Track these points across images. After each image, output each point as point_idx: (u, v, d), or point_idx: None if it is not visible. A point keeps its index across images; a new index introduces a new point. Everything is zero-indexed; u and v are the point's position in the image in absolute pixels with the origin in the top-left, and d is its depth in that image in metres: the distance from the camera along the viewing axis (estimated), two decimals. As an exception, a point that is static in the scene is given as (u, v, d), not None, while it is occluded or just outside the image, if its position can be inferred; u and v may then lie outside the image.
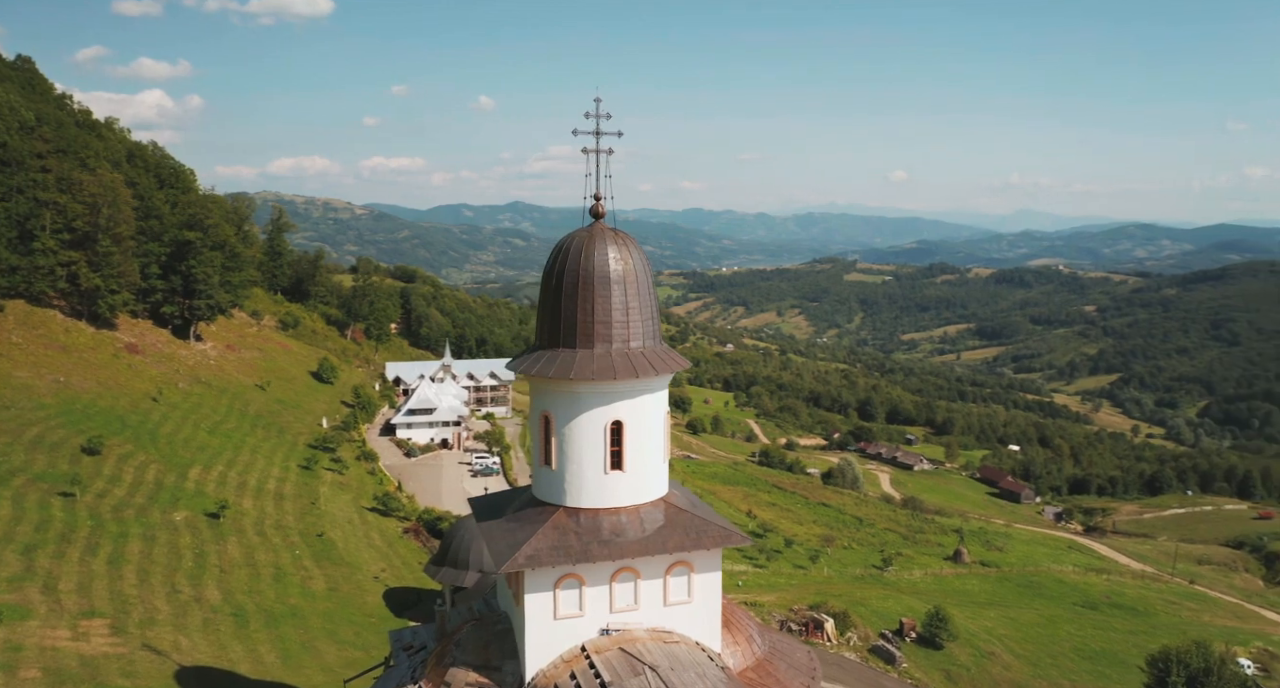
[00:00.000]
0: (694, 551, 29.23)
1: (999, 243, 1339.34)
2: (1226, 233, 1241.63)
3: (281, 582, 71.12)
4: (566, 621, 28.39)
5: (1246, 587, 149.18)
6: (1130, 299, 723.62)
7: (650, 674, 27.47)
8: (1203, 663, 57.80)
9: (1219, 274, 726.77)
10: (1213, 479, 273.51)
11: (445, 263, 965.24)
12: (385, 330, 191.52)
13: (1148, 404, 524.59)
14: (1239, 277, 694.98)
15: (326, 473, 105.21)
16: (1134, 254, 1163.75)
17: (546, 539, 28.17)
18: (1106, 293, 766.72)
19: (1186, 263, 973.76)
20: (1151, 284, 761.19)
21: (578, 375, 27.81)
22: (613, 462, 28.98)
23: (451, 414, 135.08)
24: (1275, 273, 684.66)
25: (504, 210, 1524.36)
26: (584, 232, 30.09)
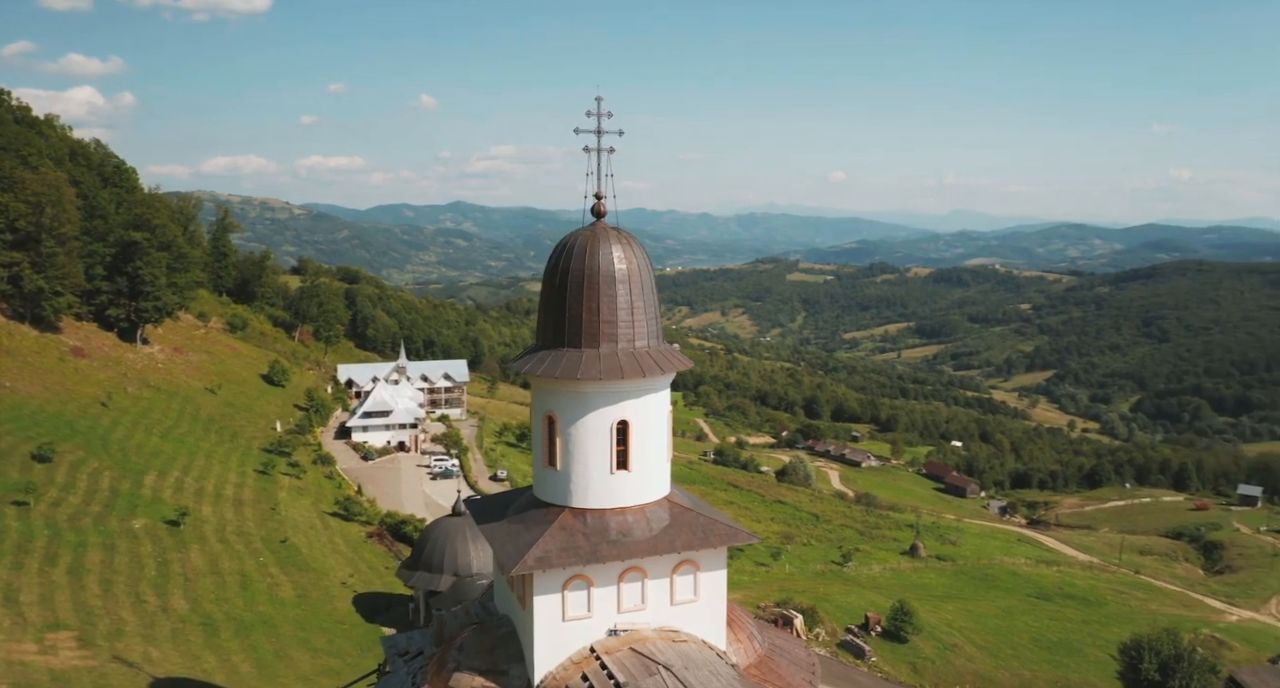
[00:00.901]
0: (701, 549, 29.19)
1: (937, 243, 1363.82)
2: (1155, 233, 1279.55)
3: (248, 589, 69.58)
4: (575, 622, 28.13)
5: (1188, 576, 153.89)
6: (1064, 298, 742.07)
7: (665, 674, 27.36)
8: (1173, 650, 59.45)
9: (1149, 273, 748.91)
10: (1148, 472, 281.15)
11: (386, 263, 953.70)
12: (335, 332, 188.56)
13: (1082, 400, 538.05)
14: (1168, 275, 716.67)
15: (284, 478, 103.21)
16: (1067, 254, 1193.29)
17: (555, 541, 27.89)
18: (1041, 292, 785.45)
19: (1117, 262, 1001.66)
20: (1084, 283, 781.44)
21: (585, 375, 27.58)
22: (618, 461, 28.79)
23: (408, 416, 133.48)
24: (1202, 272, 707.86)
25: (445, 210, 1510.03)
26: (587, 231, 29.84)
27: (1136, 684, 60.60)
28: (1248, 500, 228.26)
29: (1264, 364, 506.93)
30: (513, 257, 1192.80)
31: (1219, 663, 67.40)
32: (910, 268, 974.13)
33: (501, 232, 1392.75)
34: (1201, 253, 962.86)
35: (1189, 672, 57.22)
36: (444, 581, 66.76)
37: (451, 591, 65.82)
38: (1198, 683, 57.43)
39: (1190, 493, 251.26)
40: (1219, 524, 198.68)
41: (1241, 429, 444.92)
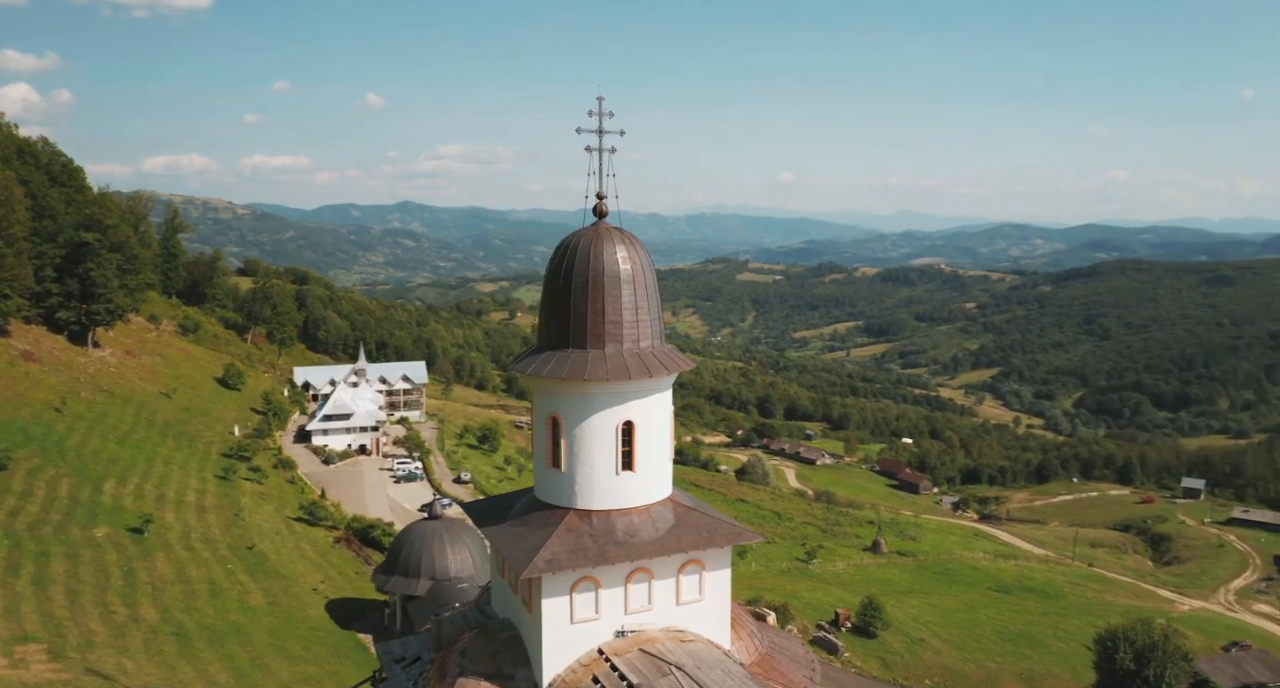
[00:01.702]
0: (707, 549, 29.18)
1: (883, 243, 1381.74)
2: (1094, 233, 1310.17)
3: (219, 598, 68.16)
4: (582, 624, 27.92)
5: (1138, 567, 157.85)
6: (1008, 296, 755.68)
7: (679, 674, 27.31)
8: (1147, 640, 60.83)
9: (1090, 272, 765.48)
10: (1093, 466, 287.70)
11: (333, 264, 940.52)
12: (289, 334, 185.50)
13: (1027, 396, 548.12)
14: (1108, 274, 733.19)
15: (245, 483, 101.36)
16: (1010, 253, 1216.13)
17: (563, 543, 27.69)
18: (986, 291, 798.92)
19: (1058, 261, 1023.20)
20: (1027, 282, 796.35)
21: (591, 376, 27.39)
22: (623, 462, 28.67)
23: (369, 419, 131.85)
24: (1141, 271, 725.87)
25: (393, 210, 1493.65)
26: (589, 230, 29.64)
27: (1112, 674, 61.95)
28: (1191, 493, 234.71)
29: (1201, 361, 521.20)
30: (461, 257, 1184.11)
31: (1190, 652, 69.24)
32: (858, 268, 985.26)
33: (450, 232, 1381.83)
34: (1139, 252, 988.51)
35: (1163, 661, 58.65)
36: (421, 585, 66.06)
37: (430, 595, 65.14)
38: (1171, 672, 58.88)
39: (1135, 487, 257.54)
40: (1164, 517, 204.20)
41: (1180, 424, 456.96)
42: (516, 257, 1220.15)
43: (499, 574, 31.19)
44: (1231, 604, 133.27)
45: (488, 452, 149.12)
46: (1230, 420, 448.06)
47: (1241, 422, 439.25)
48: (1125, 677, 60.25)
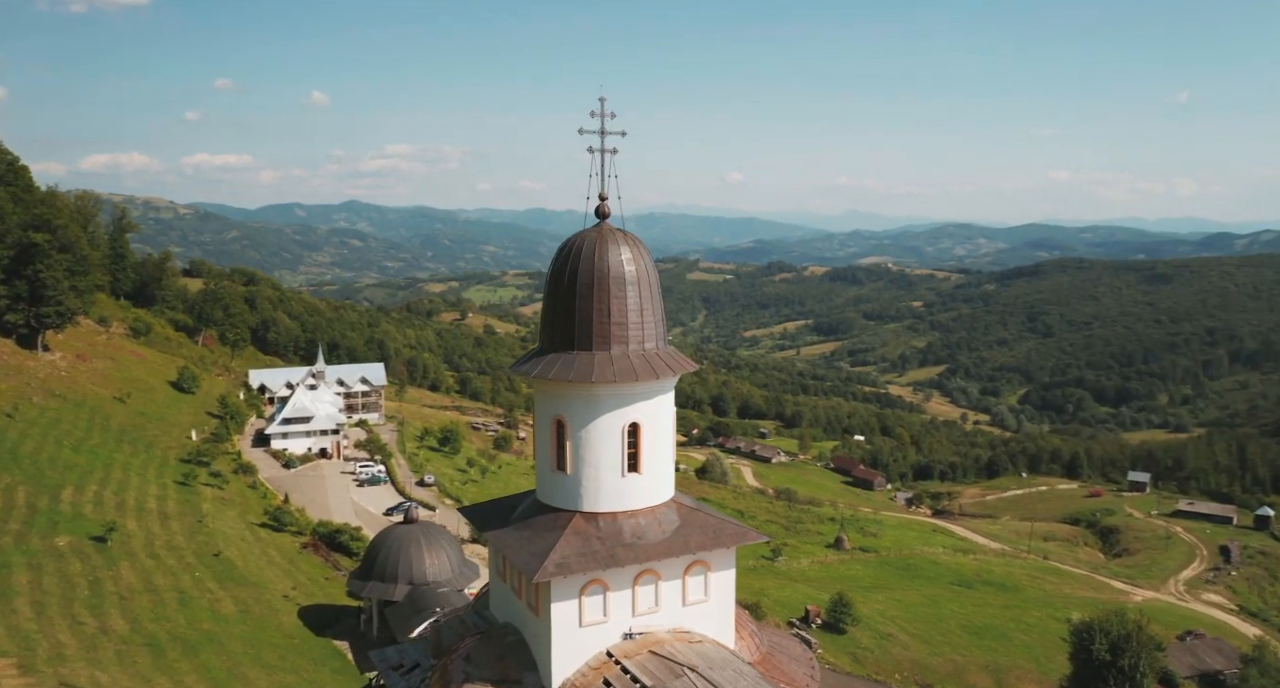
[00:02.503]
0: (714, 549, 29.25)
1: (831, 242, 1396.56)
2: (1036, 232, 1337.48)
3: (189, 606, 66.67)
4: (591, 627, 27.81)
5: (1091, 560, 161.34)
6: (954, 295, 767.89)
7: (692, 675, 27.33)
8: (1122, 630, 62.20)
9: (1032, 271, 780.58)
10: (1040, 461, 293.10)
11: (278, 265, 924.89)
12: (242, 336, 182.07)
13: (973, 393, 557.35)
14: (1050, 273, 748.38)
15: (206, 489, 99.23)
16: (954, 252, 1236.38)
17: (571, 546, 27.56)
18: (932, 289, 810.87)
19: (1002, 260, 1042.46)
20: (972, 280, 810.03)
21: (599, 378, 27.29)
22: (629, 464, 28.63)
23: (330, 422, 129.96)
24: (1082, 269, 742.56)
25: (339, 210, 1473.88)
26: (593, 232, 29.55)
27: (1088, 665, 63.29)
28: (1137, 486, 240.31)
29: (1141, 357, 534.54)
30: (410, 257, 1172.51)
31: (1162, 642, 70.99)
32: (807, 267, 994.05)
33: (398, 231, 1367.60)
34: (1080, 251, 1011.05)
35: (1136, 651, 60.05)
36: (399, 590, 65.39)
37: (408, 600, 64.50)
38: (1145, 661, 60.32)
39: (1083, 481, 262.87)
40: (1112, 510, 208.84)
41: (1122, 419, 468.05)
42: (465, 256, 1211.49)
43: (499, 578, 30.87)
44: (1182, 594, 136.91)
45: (449, 454, 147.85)
46: (1170, 415, 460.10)
47: (1181, 416, 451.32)
48: (1101, 667, 61.65)
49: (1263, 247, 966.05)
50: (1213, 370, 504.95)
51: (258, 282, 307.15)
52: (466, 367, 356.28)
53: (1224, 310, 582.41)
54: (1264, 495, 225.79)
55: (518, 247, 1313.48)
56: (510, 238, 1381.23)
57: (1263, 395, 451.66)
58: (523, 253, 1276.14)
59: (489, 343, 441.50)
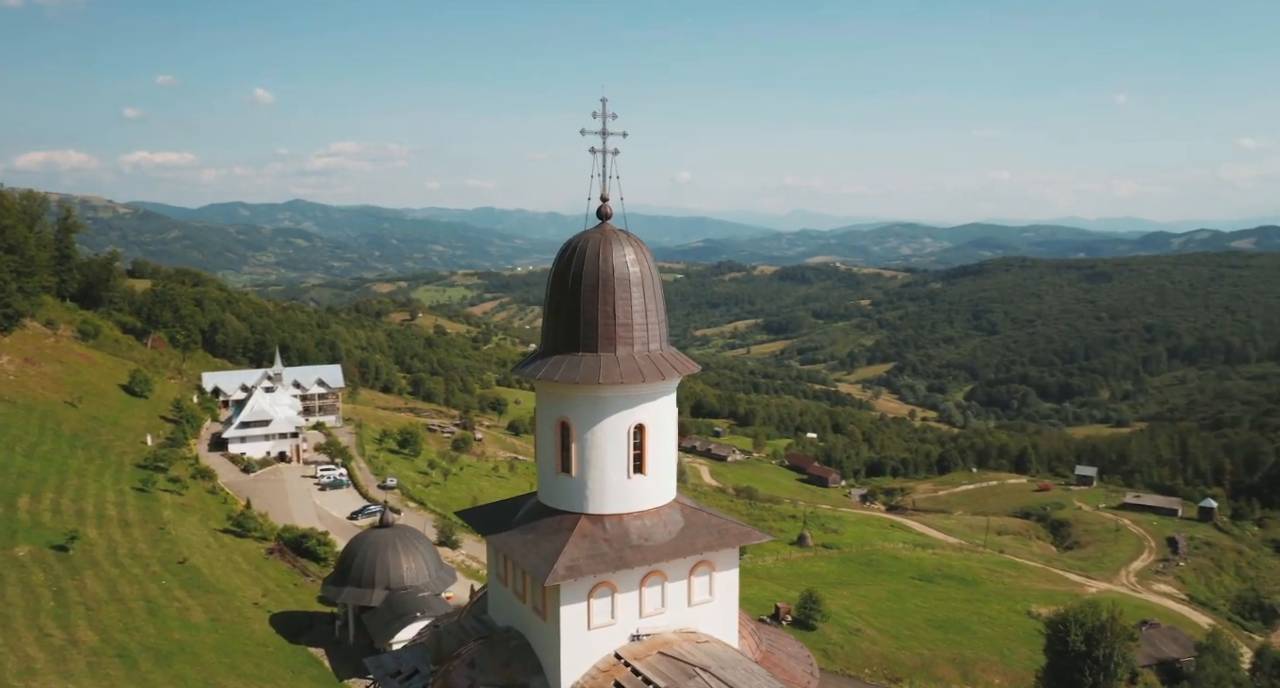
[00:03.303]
0: (719, 550, 29.37)
1: (779, 242, 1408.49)
2: (980, 231, 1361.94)
3: (158, 616, 65.11)
4: (599, 630, 27.77)
5: (1044, 553, 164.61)
6: (900, 293, 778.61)
7: (705, 675, 27.40)
8: (1096, 621, 63.55)
9: (976, 269, 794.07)
10: (988, 457, 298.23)
11: (221, 265, 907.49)
12: (193, 338, 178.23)
13: (920, 390, 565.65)
14: (994, 272, 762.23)
15: (165, 495, 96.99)
16: (900, 252, 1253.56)
17: (580, 548, 27.50)
18: (879, 288, 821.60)
19: (946, 259, 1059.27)
20: (918, 279, 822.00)
21: (607, 379, 27.26)
22: (635, 465, 28.64)
23: (288, 425, 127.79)
24: (1024, 268, 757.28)
25: (283, 209, 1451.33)
26: (596, 233, 29.49)
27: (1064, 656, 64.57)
28: (1084, 480, 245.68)
29: (1082, 353, 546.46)
30: (356, 257, 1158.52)
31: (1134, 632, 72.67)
32: (756, 266, 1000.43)
33: (344, 231, 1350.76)
34: (1022, 250, 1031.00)
35: (1111, 641, 61.42)
36: (376, 595, 64.53)
37: (386, 605, 63.70)
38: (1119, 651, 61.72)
39: (1031, 475, 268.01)
40: (1062, 503, 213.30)
41: (1065, 414, 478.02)
42: (414, 256, 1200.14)
43: (500, 582, 30.62)
44: (1134, 585, 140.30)
45: (409, 456, 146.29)
46: (1111, 410, 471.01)
47: (1122, 411, 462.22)
48: (1076, 658, 62.98)
49: (1198, 246, 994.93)
50: (1152, 366, 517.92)
51: (203, 282, 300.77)
52: (419, 368, 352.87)
53: (1162, 308, 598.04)
54: (1206, 488, 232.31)
55: (466, 246, 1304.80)
56: (459, 237, 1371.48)
57: (1200, 390, 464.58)
58: (471, 253, 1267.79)
59: (440, 344, 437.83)
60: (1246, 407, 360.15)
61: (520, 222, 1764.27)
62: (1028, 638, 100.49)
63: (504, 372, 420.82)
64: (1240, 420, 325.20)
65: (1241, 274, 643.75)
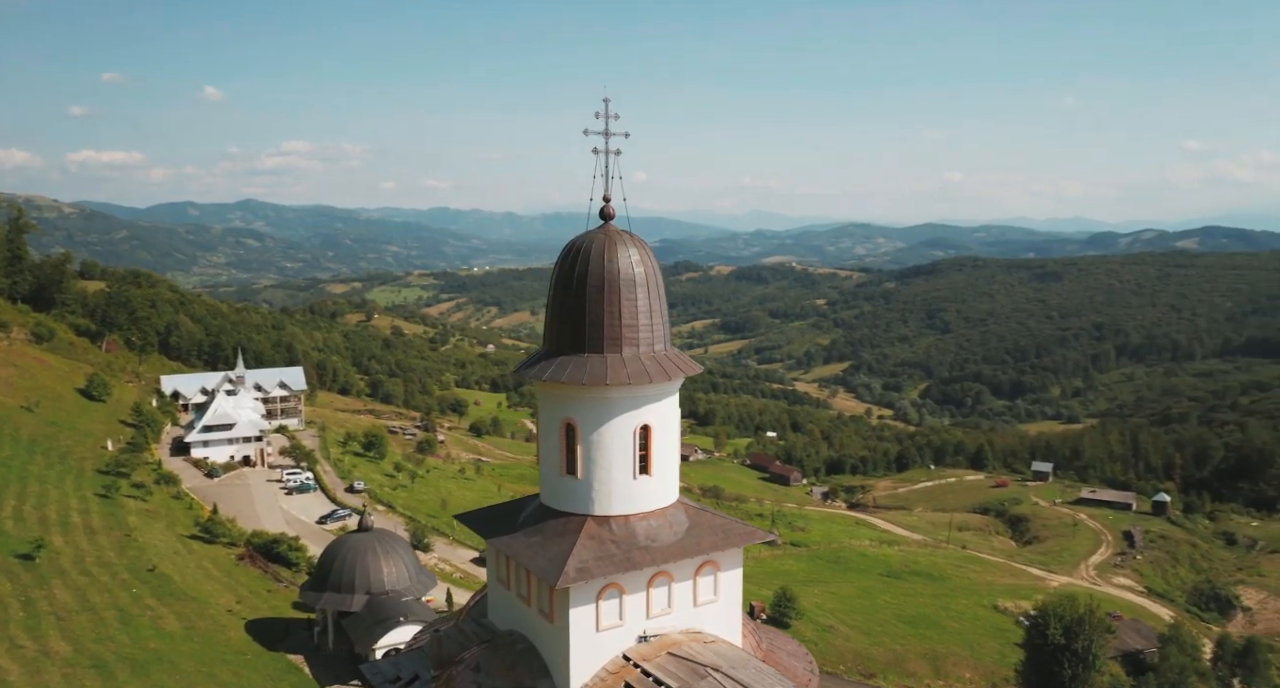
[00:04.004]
0: (725, 550, 29.49)
1: (735, 242, 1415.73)
2: (933, 232, 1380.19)
3: (131, 625, 63.75)
4: (608, 631, 27.73)
5: (1005, 548, 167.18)
6: (856, 293, 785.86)
7: (717, 675, 27.47)
8: (1074, 615, 64.67)
9: (930, 269, 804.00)
10: (945, 454, 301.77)
11: (170, 266, 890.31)
12: (150, 341, 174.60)
13: (876, 388, 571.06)
14: (947, 271, 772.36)
15: (129, 501, 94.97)
16: (855, 252, 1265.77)
17: (588, 550, 27.43)
18: (835, 287, 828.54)
19: (900, 259, 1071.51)
20: (873, 279, 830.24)
21: (614, 380, 27.21)
22: (641, 466, 28.65)
23: (252, 429, 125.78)
24: (977, 267, 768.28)
25: (234, 209, 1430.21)
26: (599, 233, 29.43)
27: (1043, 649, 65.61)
28: (1040, 476, 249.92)
29: (1034, 351, 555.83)
30: (309, 257, 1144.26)
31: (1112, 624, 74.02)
32: (713, 266, 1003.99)
33: (296, 231, 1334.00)
34: (974, 250, 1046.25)
35: (1089, 634, 62.55)
36: (356, 600, 63.76)
37: (367, 610, 62.96)
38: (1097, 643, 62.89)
39: (988, 471, 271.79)
40: (1019, 499, 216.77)
41: (1017, 411, 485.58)
42: (368, 256, 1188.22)
43: (501, 586, 30.44)
44: (1094, 579, 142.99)
45: (374, 459, 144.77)
46: (1062, 407, 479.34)
47: (1072, 408, 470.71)
48: (1056, 651, 64.07)
49: (1144, 245, 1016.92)
50: (1101, 364, 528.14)
51: (155, 283, 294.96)
52: (377, 369, 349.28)
53: (1110, 306, 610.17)
54: (1158, 482, 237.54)
55: (422, 247, 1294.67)
56: (414, 238, 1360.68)
57: (1148, 387, 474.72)
58: (427, 253, 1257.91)
59: (398, 345, 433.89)
60: (1193, 403, 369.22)
61: (476, 222, 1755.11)
62: (996, 632, 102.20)
63: (463, 373, 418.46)
64: (1188, 416, 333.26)
65: (1187, 273, 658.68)
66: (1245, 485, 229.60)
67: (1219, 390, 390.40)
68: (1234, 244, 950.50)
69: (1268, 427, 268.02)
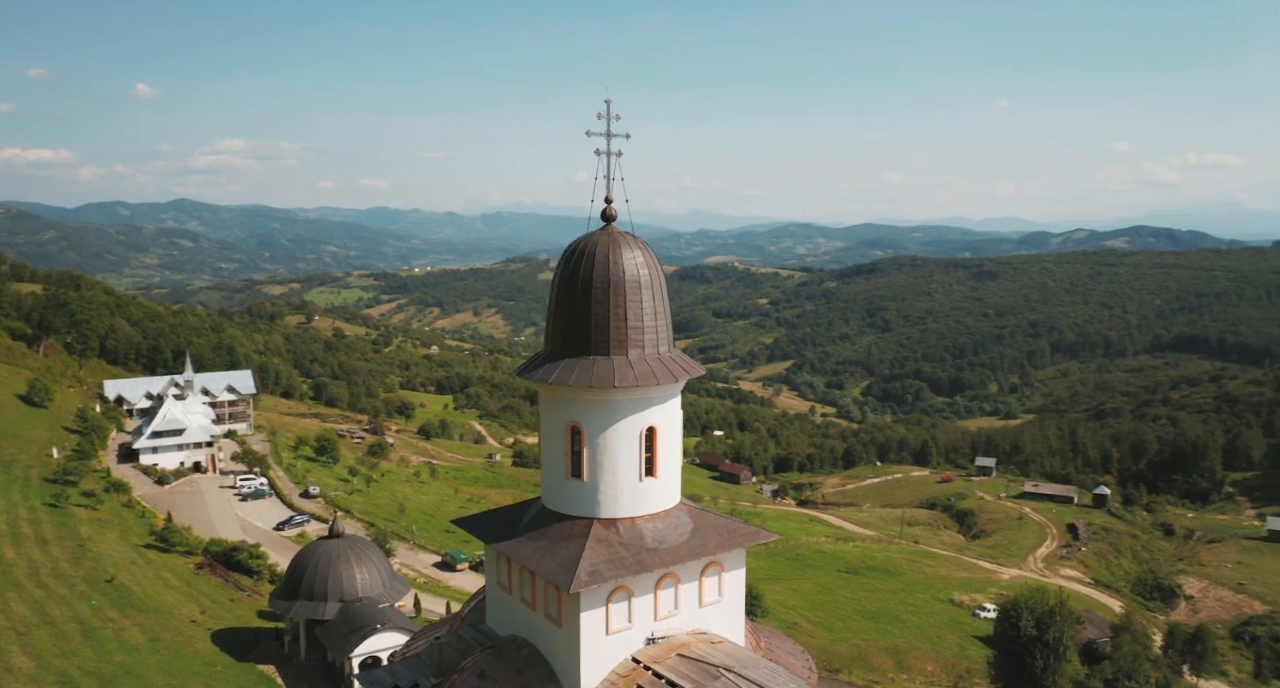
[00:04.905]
0: (730, 550, 29.65)
1: (678, 242, 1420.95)
2: (872, 231, 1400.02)
3: (93, 638, 61.95)
4: (617, 634, 27.71)
5: (954, 542, 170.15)
6: (798, 292, 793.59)
7: (731, 676, 27.58)
8: (1045, 607, 66.05)
9: (870, 268, 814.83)
10: (889, 450, 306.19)
11: (101, 267, 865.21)
12: (91, 345, 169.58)
13: (819, 386, 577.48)
14: (886, 271, 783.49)
15: (79, 510, 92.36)
16: (796, 251, 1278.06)
17: (598, 553, 27.38)
18: (777, 287, 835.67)
19: (840, 258, 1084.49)
20: (814, 278, 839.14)
21: (622, 382, 27.19)
22: (647, 468, 28.72)
23: (203, 434, 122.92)
24: (915, 267, 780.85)
25: (167, 209, 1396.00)
26: (602, 235, 29.37)
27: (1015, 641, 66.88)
28: (984, 471, 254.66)
29: (971, 349, 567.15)
30: (245, 258, 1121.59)
31: (1081, 615, 75.71)
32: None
33: (232, 231, 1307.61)
34: (912, 249, 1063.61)
35: (1060, 625, 63.95)
36: (329, 608, 62.62)
37: (341, 618, 61.89)
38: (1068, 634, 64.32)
39: (933, 467, 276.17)
40: (965, 494, 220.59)
41: (957, 407, 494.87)
42: (306, 257, 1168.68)
43: (502, 591, 30.21)
44: (1043, 570, 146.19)
45: (327, 463, 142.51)
46: (1000, 403, 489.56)
47: (1010, 404, 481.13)
48: (1027, 642, 65.38)
49: (1076, 245, 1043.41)
50: (1036, 360, 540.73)
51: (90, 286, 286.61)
52: (319, 372, 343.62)
53: (1044, 304, 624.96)
54: (1096, 476, 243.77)
55: (361, 247, 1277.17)
56: (353, 238, 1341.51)
57: (1082, 383, 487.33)
58: (366, 253, 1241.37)
59: (340, 347, 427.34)
60: (1126, 398, 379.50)
61: (416, 222, 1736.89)
62: (954, 626, 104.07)
63: (408, 375, 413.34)
64: (1122, 411, 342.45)
65: (1117, 272, 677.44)
66: (1179, 478, 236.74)
67: (1150, 385, 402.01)
68: (1161, 244, 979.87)
69: (1198, 421, 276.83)
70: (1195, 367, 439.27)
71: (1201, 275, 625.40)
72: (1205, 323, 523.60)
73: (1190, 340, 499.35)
